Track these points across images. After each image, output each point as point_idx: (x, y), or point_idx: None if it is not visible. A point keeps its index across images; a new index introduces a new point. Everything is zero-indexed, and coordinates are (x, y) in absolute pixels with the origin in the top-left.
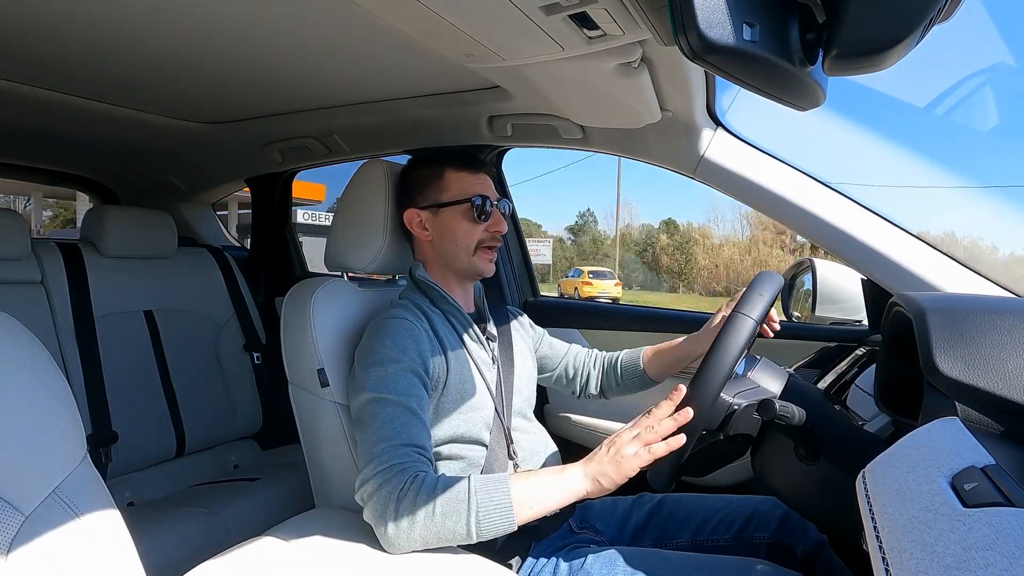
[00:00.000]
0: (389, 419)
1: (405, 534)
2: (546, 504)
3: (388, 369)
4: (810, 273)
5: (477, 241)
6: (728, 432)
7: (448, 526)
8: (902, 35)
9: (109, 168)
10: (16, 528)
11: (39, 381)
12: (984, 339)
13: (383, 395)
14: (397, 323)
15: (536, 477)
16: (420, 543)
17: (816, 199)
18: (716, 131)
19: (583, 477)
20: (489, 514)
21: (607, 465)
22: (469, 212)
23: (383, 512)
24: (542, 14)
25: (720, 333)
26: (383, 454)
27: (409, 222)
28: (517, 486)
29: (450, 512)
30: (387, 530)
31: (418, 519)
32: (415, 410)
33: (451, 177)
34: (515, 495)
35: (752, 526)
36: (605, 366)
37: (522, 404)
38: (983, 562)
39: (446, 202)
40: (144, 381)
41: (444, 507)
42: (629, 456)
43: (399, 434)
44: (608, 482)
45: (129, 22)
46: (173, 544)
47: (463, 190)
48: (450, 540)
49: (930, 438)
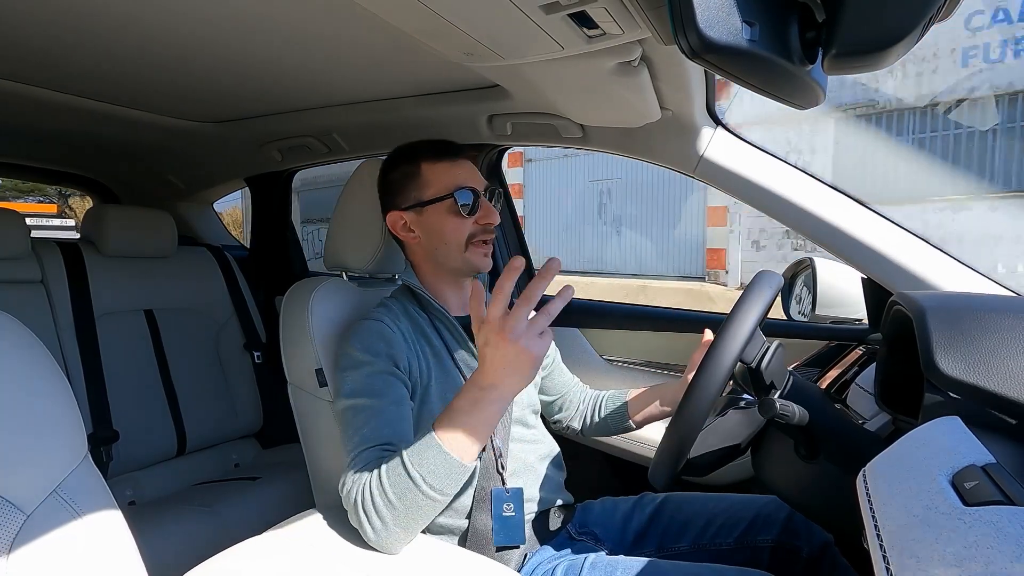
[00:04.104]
0: (361, 424)
1: (384, 533)
2: (478, 431)
3: (361, 372)
4: (810, 272)
5: (467, 236)
6: (761, 368)
7: (411, 504)
8: (901, 34)
9: (109, 168)
10: (17, 527)
11: (40, 380)
12: (984, 338)
13: (356, 400)
14: (370, 324)
15: (455, 414)
16: (403, 534)
17: (816, 198)
18: (716, 130)
19: (493, 388)
20: (437, 473)
21: (510, 362)
22: (454, 206)
23: (360, 520)
24: (542, 13)
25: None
26: (353, 461)
27: (393, 226)
28: (444, 434)
29: (403, 493)
30: (370, 535)
31: (384, 514)
32: (389, 408)
33: (429, 171)
34: (444, 441)
35: (756, 528)
36: (591, 407)
37: (522, 412)
38: (983, 560)
39: (428, 200)
40: (144, 380)
41: (396, 491)
42: (532, 346)
43: (369, 437)
44: (521, 376)
45: (129, 22)
46: (174, 543)
47: (444, 184)
48: (425, 514)
49: (930, 437)
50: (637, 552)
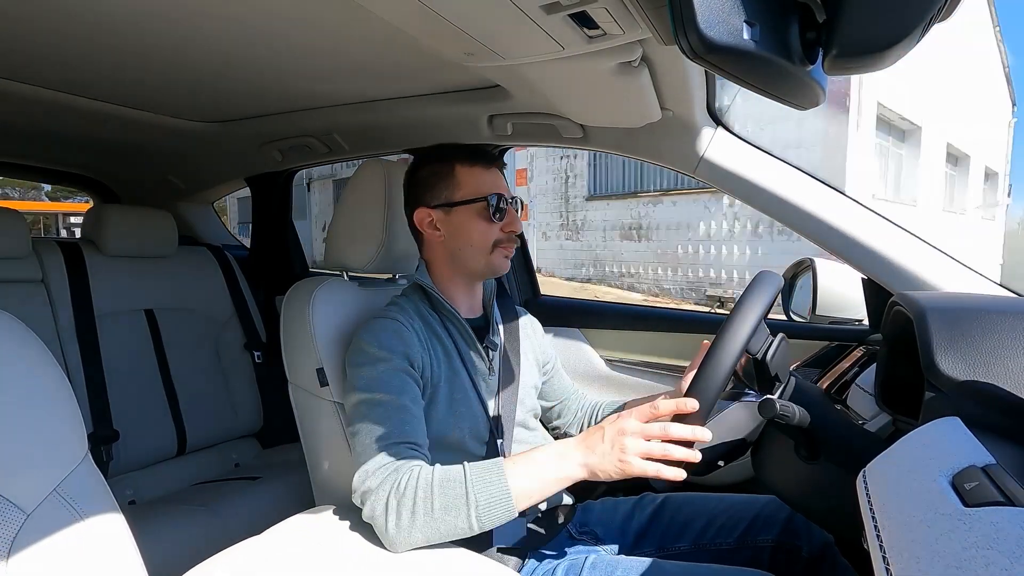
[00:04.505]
0: (382, 418)
1: (406, 532)
2: (544, 492)
3: (377, 369)
4: (810, 273)
5: (493, 241)
6: (767, 359)
7: (448, 521)
8: (902, 34)
9: (109, 168)
10: (18, 527)
11: (40, 380)
12: (984, 338)
13: (374, 395)
14: (386, 323)
15: (533, 466)
16: (422, 540)
17: (816, 199)
18: (716, 130)
19: (581, 467)
20: (489, 506)
21: (607, 461)
22: (485, 211)
23: (383, 511)
24: (542, 13)
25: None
26: (379, 453)
27: (420, 222)
28: (514, 475)
29: (449, 507)
30: (387, 529)
31: (418, 517)
32: (408, 407)
33: (463, 173)
34: (512, 485)
35: (756, 528)
36: (588, 415)
37: (524, 415)
38: (984, 561)
39: (459, 201)
40: (145, 380)
41: (443, 503)
42: (633, 462)
43: (393, 432)
44: (605, 477)
45: (129, 21)
46: (174, 542)
47: (477, 187)
48: (451, 535)
49: (931, 437)
50: (637, 552)
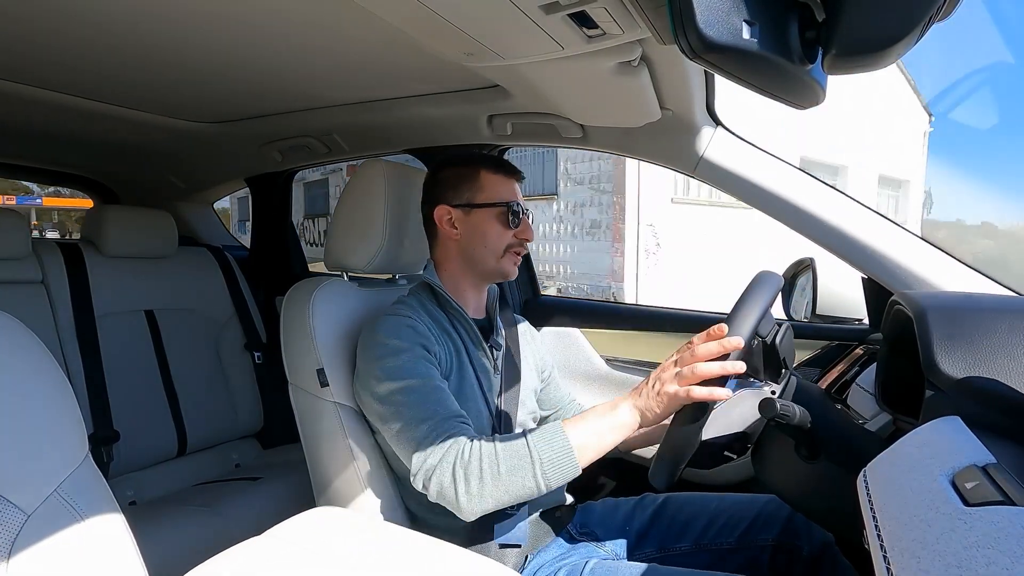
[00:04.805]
0: (421, 400)
1: (476, 499)
2: (604, 443)
3: (401, 358)
4: (810, 273)
5: (506, 245)
6: (776, 343)
7: (516, 481)
8: (901, 33)
9: (109, 168)
10: (18, 527)
11: (40, 380)
12: (985, 337)
13: (407, 381)
14: (400, 318)
15: (589, 421)
16: (492, 504)
17: (816, 198)
18: (716, 130)
19: (632, 411)
20: (554, 463)
21: (652, 401)
22: (503, 216)
23: (451, 482)
24: (541, 13)
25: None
26: (432, 431)
27: (439, 219)
28: (574, 432)
29: (515, 468)
30: (459, 498)
31: (486, 481)
32: (442, 387)
33: (487, 178)
34: (573, 440)
35: (757, 528)
36: None
37: (526, 416)
38: (984, 561)
39: (480, 203)
40: (145, 380)
41: (508, 465)
42: (671, 394)
43: (439, 410)
44: (654, 416)
45: (129, 22)
46: (174, 543)
47: (498, 193)
48: (520, 496)
49: (931, 437)
50: (638, 553)
